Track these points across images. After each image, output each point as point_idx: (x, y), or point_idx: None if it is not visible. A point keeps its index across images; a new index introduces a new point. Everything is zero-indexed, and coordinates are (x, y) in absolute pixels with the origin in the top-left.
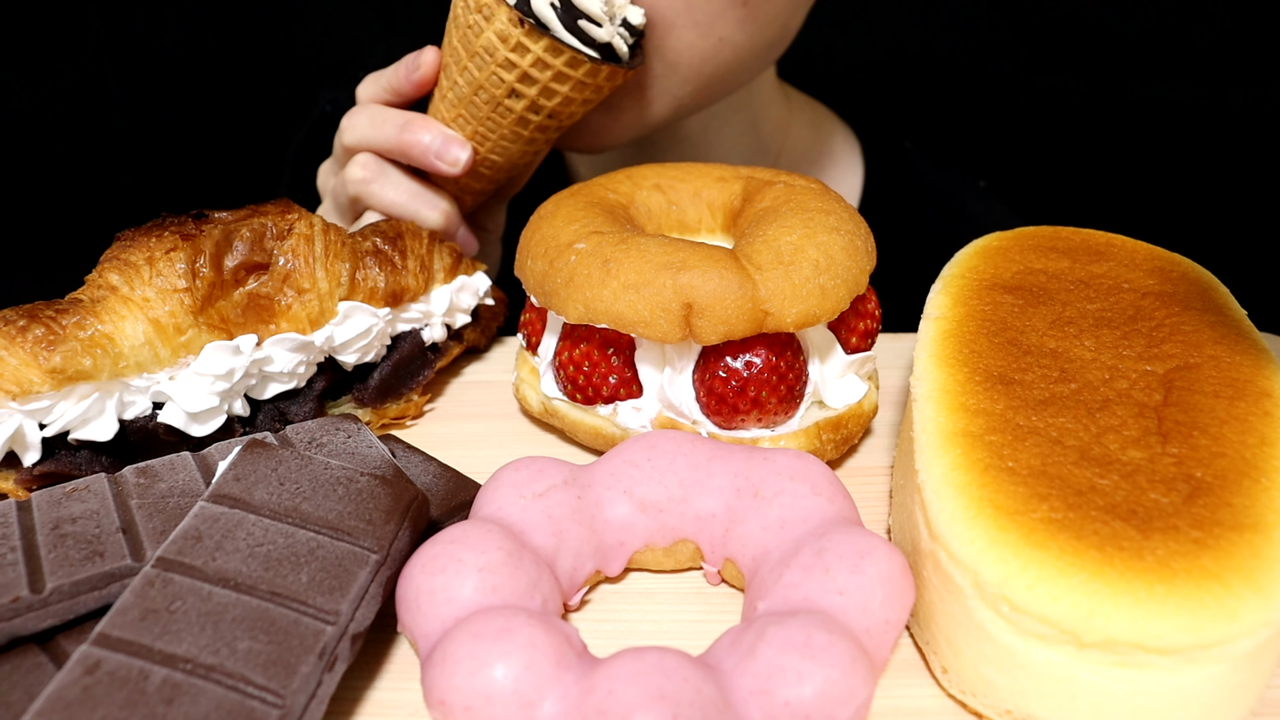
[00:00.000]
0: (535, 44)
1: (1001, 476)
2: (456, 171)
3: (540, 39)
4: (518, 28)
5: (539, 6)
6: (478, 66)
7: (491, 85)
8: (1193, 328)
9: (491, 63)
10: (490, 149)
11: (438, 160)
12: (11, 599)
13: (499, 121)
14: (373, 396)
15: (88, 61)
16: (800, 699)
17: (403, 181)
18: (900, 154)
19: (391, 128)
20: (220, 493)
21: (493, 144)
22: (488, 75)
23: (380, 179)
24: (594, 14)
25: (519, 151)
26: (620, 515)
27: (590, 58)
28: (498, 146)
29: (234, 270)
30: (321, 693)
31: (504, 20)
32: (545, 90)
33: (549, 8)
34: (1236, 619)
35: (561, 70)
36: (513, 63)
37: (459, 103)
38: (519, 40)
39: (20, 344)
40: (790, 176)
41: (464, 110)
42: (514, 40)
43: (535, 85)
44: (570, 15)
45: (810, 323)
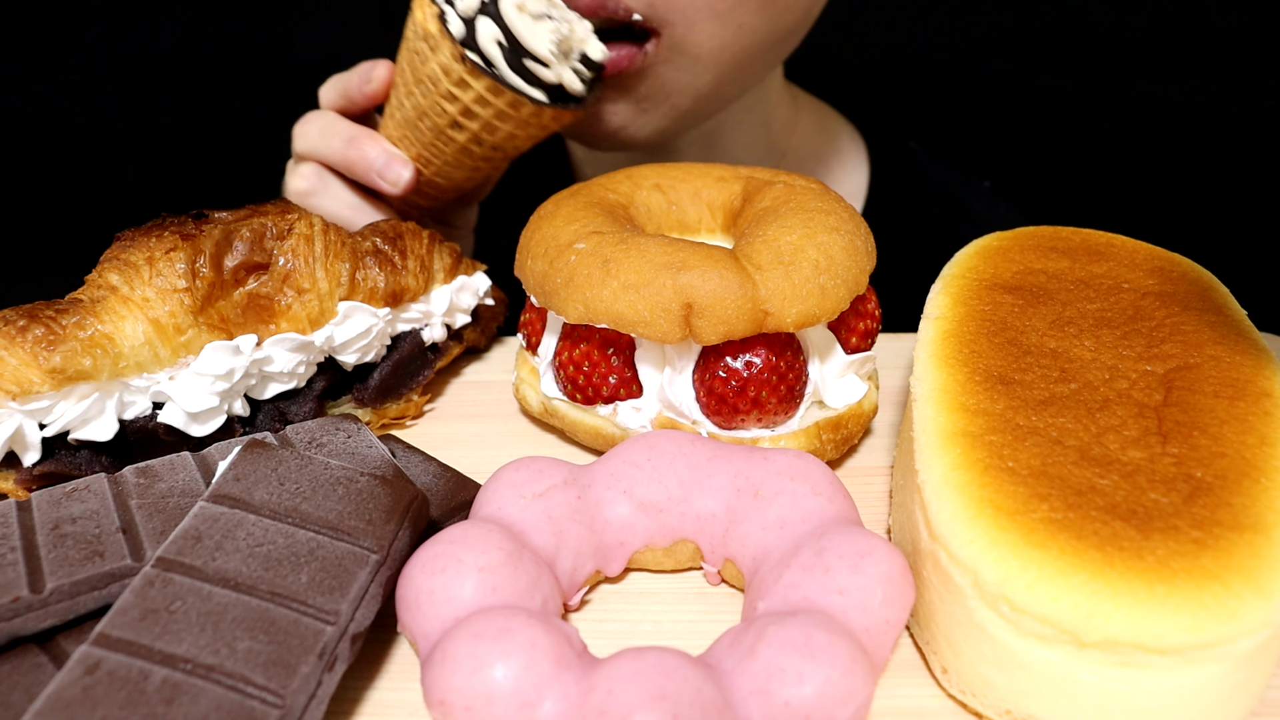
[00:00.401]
0: (477, 82)
1: (1001, 476)
2: (397, 191)
3: (482, 78)
4: (460, 63)
5: (484, 42)
6: (423, 94)
7: (435, 114)
8: (1193, 328)
9: (435, 92)
10: (435, 173)
11: (379, 179)
12: (11, 599)
13: (442, 149)
14: (373, 396)
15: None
16: (800, 699)
17: (343, 194)
18: (906, 154)
19: (339, 140)
20: (220, 493)
21: (437, 168)
22: (431, 104)
23: (321, 191)
24: (541, 55)
25: (464, 177)
26: (620, 515)
27: (533, 99)
28: (441, 171)
29: (234, 270)
30: (321, 693)
31: (447, 54)
32: (487, 126)
33: (495, 45)
34: (1236, 619)
35: (503, 109)
36: (455, 96)
37: (405, 124)
38: (461, 76)
39: (20, 344)
40: (790, 176)
41: (409, 132)
42: (456, 75)
43: (477, 120)
44: (516, 54)
45: (810, 323)
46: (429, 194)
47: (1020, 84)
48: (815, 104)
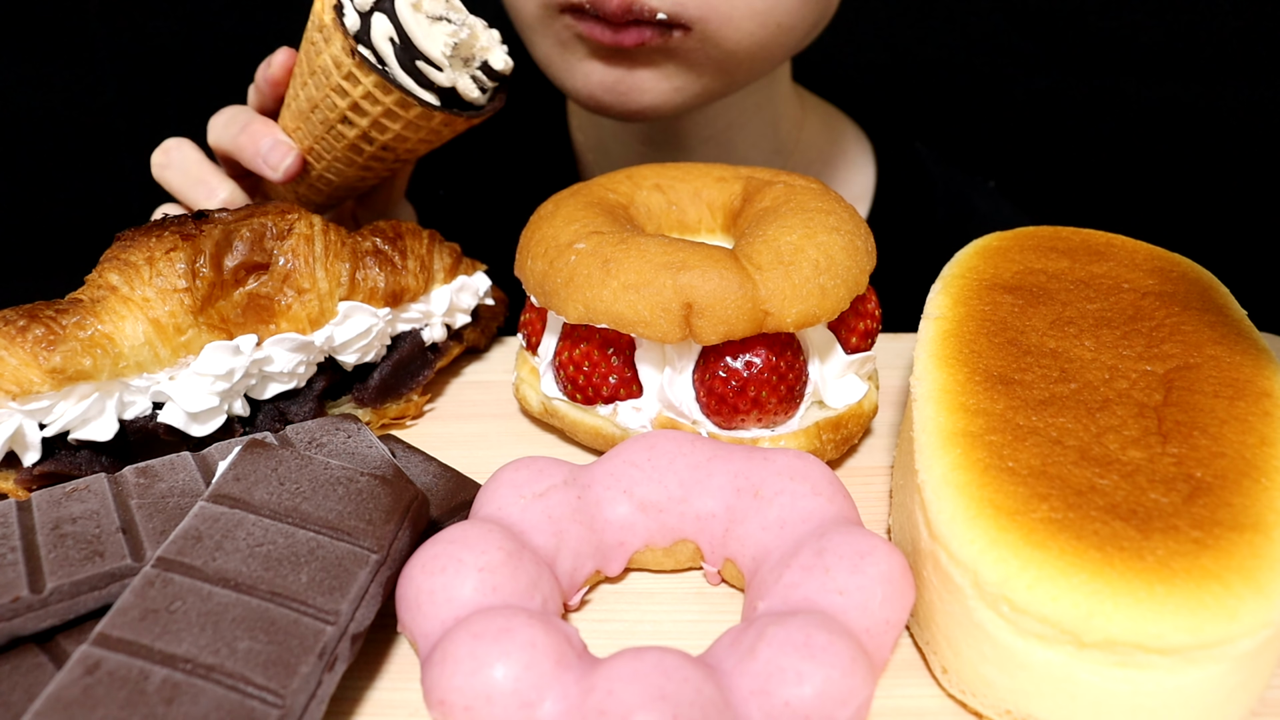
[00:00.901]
0: (365, 78)
1: (1001, 476)
2: (278, 177)
3: (370, 74)
4: (350, 57)
5: (377, 38)
6: (315, 85)
7: (326, 107)
8: (1193, 328)
9: (326, 85)
10: (325, 168)
11: (264, 164)
12: (11, 599)
13: (333, 144)
14: (373, 396)
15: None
16: (800, 699)
17: (190, 165)
18: (911, 155)
19: (235, 128)
20: (220, 493)
21: (327, 163)
22: (323, 96)
23: (173, 162)
24: (434, 57)
25: (355, 176)
26: (620, 515)
27: (422, 102)
28: (332, 167)
29: (234, 270)
30: (321, 693)
31: (339, 47)
32: (376, 124)
33: (388, 42)
34: (1236, 619)
35: (392, 109)
36: (345, 90)
37: (299, 115)
38: (351, 70)
39: (20, 344)
40: (790, 176)
41: (302, 124)
42: (346, 69)
43: (366, 117)
44: (408, 54)
45: (810, 323)
46: (321, 189)
47: (1023, 85)
48: (821, 105)
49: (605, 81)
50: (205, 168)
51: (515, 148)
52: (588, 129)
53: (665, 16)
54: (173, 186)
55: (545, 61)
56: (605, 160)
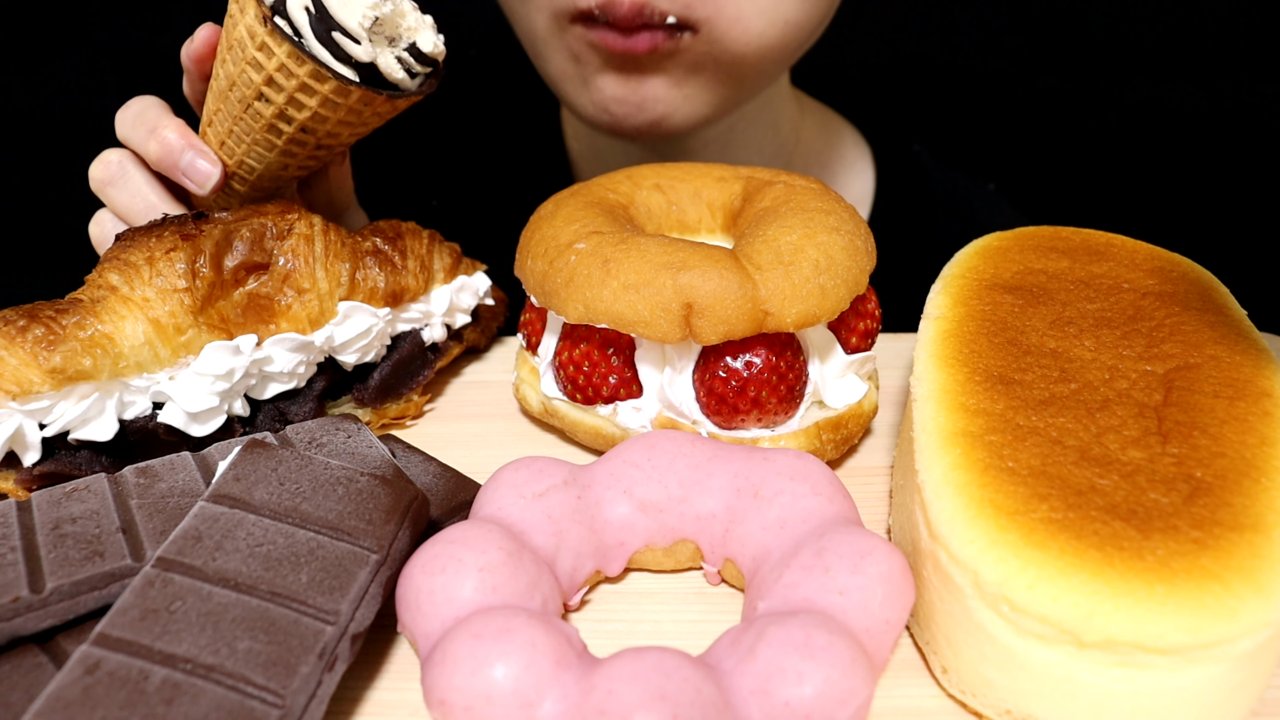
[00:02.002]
0: (279, 47)
1: (1001, 476)
2: (204, 193)
3: (284, 43)
4: (263, 25)
5: (293, 8)
6: (233, 60)
7: (243, 84)
8: (1193, 328)
9: (242, 59)
10: (245, 153)
11: (184, 177)
12: (11, 599)
13: (251, 125)
14: (373, 396)
15: (88, 61)
16: (800, 699)
17: (140, 189)
18: (910, 157)
19: (144, 130)
20: (220, 493)
21: (247, 147)
22: (240, 71)
23: (119, 181)
24: (350, 29)
25: (278, 163)
26: (620, 515)
27: (337, 75)
28: (252, 151)
29: (234, 270)
30: (321, 693)
31: (252, 15)
32: (292, 101)
33: (302, 11)
34: (1236, 619)
35: (306, 82)
36: (260, 63)
37: (218, 95)
38: (264, 40)
39: (20, 344)
40: (790, 176)
41: (221, 104)
42: (260, 39)
43: (282, 93)
44: (324, 25)
45: (810, 323)
46: (244, 178)
47: (1021, 86)
48: (819, 108)
49: (618, 94)
50: (155, 191)
51: (511, 159)
52: (582, 137)
53: (675, 19)
54: (117, 206)
55: (558, 78)
56: (601, 168)
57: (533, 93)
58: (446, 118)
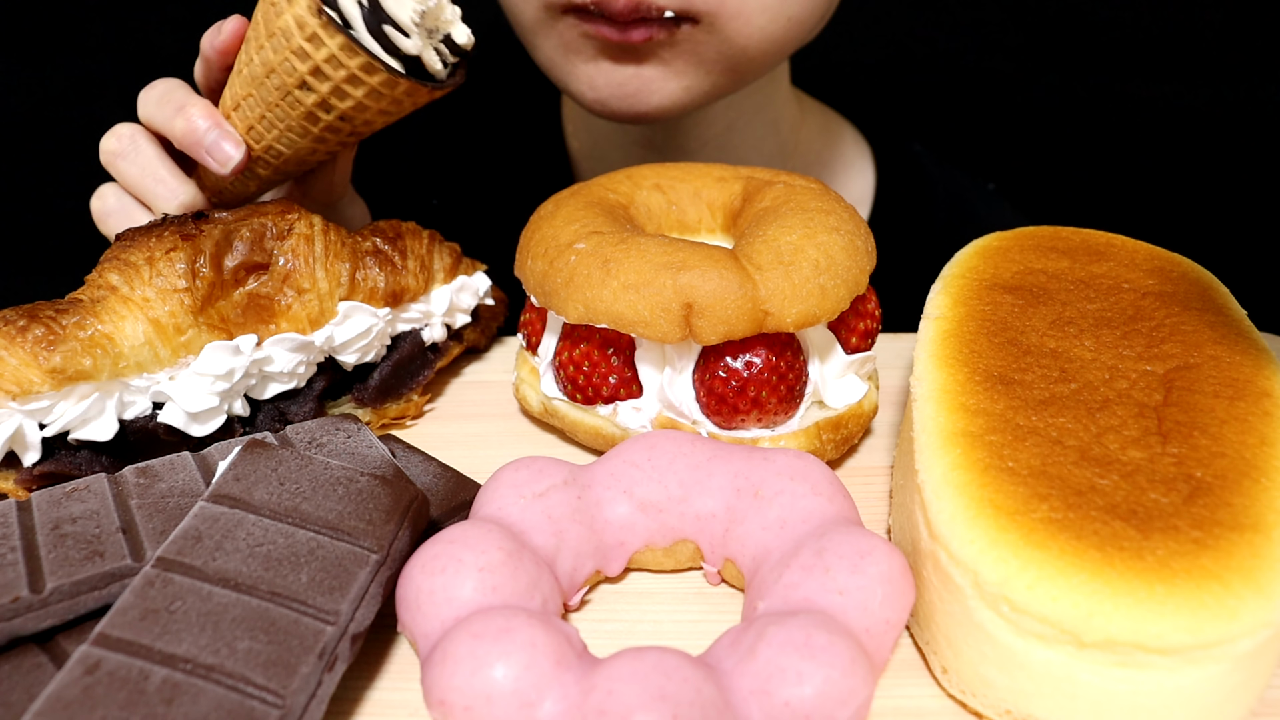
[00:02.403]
0: (331, 39)
1: (1001, 476)
2: (225, 172)
3: (336, 35)
4: (316, 17)
5: (345, 1)
6: (274, 48)
7: (284, 72)
8: (1193, 328)
9: (286, 48)
10: (276, 138)
11: (208, 155)
12: (11, 599)
13: (288, 111)
14: (373, 396)
15: (88, 61)
16: (800, 699)
17: (149, 163)
18: (910, 157)
19: (171, 109)
20: (220, 493)
21: (279, 133)
22: (281, 60)
23: (130, 154)
24: (402, 22)
25: (307, 148)
26: (620, 515)
27: (388, 67)
28: (284, 137)
29: (234, 270)
30: (321, 693)
31: (304, 6)
32: (337, 90)
33: (354, 4)
34: (1236, 619)
35: (356, 73)
36: (307, 53)
37: (251, 81)
38: (315, 31)
39: (20, 344)
40: (790, 176)
41: (254, 90)
42: (310, 30)
43: (328, 82)
44: (376, 17)
45: (810, 323)
46: (271, 163)
47: (1022, 86)
48: (819, 108)
49: (613, 83)
50: (163, 164)
51: (510, 158)
52: (583, 135)
53: (673, 14)
54: (126, 179)
55: (549, 65)
56: (601, 167)
57: (534, 92)
58: (447, 117)
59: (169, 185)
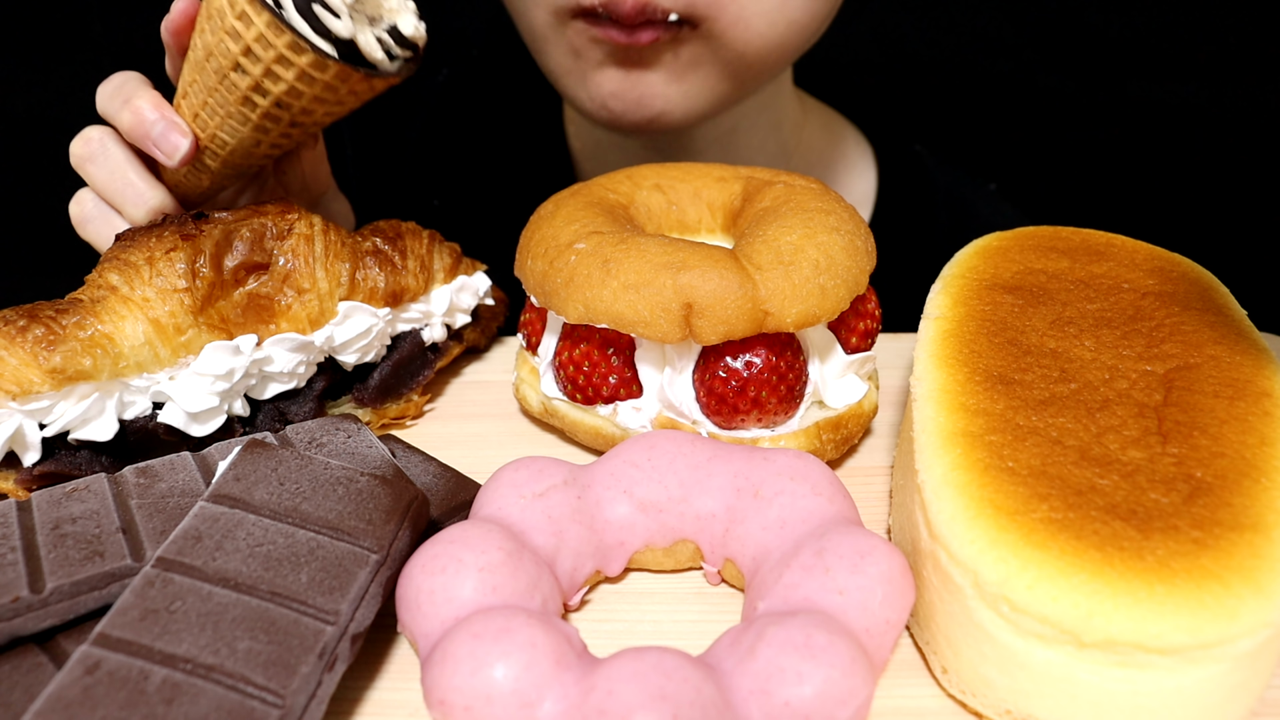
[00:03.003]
0: (258, 16)
1: (1001, 476)
2: (172, 163)
3: (263, 13)
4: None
5: None
6: (211, 30)
7: (220, 54)
8: (1193, 328)
9: (221, 28)
10: (219, 126)
11: (155, 149)
12: (11, 599)
13: (226, 97)
14: (373, 396)
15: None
16: (800, 699)
17: (118, 166)
18: (912, 157)
19: (119, 101)
20: (220, 493)
21: (220, 120)
22: (217, 41)
23: (99, 158)
24: (330, 3)
25: (250, 138)
26: (620, 515)
27: (315, 47)
28: (225, 125)
29: (234, 270)
30: (321, 693)
31: None
32: (269, 73)
33: None
34: (1236, 619)
35: (284, 53)
36: (238, 33)
37: (195, 66)
38: (244, 9)
39: (20, 344)
40: (790, 176)
41: (198, 75)
42: (239, 8)
43: (259, 64)
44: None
45: (810, 323)
46: (217, 153)
47: (1023, 86)
48: (821, 109)
49: (617, 89)
50: (132, 168)
51: (512, 158)
52: (584, 136)
53: (678, 16)
54: (96, 183)
55: (558, 73)
56: (603, 168)
57: (535, 92)
58: (449, 117)
59: (137, 189)
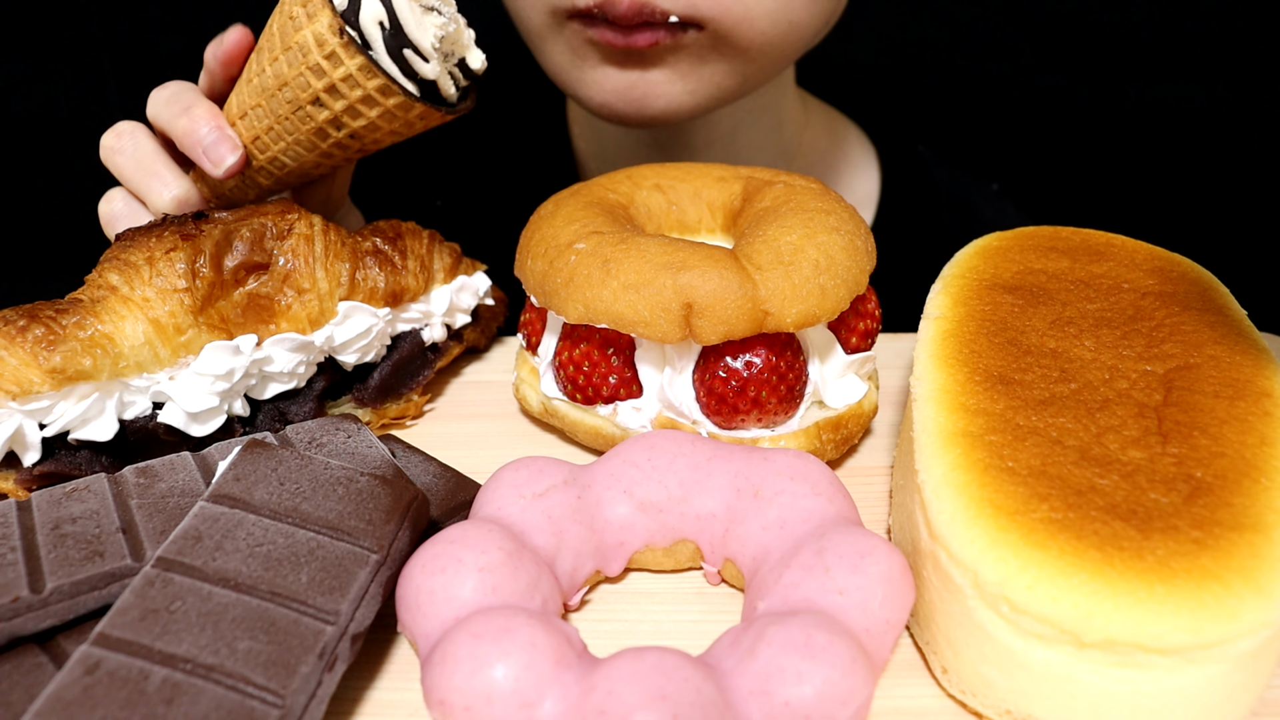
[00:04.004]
0: (350, 59)
1: (1001, 476)
2: (218, 173)
3: (356, 56)
4: (336, 36)
5: (366, 21)
6: (288, 62)
7: (298, 86)
8: (1193, 328)
9: (302, 63)
10: (282, 150)
11: (204, 157)
12: (11, 599)
13: (297, 125)
14: (373, 396)
15: (88, 61)
16: (800, 699)
17: (146, 157)
18: (915, 158)
19: (177, 108)
20: (220, 493)
21: (286, 145)
22: (296, 74)
23: (129, 149)
24: (423, 47)
25: (312, 162)
26: (620, 515)
27: (405, 91)
28: (291, 150)
29: (234, 270)
30: (321, 693)
31: (325, 24)
32: (351, 109)
33: (376, 26)
34: (1236, 619)
35: (371, 94)
36: (323, 70)
37: (261, 93)
38: (335, 50)
39: (20, 344)
40: (790, 176)
41: (264, 101)
42: (330, 48)
43: (342, 100)
44: (397, 41)
45: (810, 323)
46: (273, 173)
47: (1023, 86)
48: (824, 109)
49: (619, 87)
50: (160, 159)
51: (516, 158)
52: (589, 137)
53: (678, 19)
54: (123, 173)
55: (556, 71)
56: (607, 168)
57: (539, 93)
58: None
59: (163, 178)
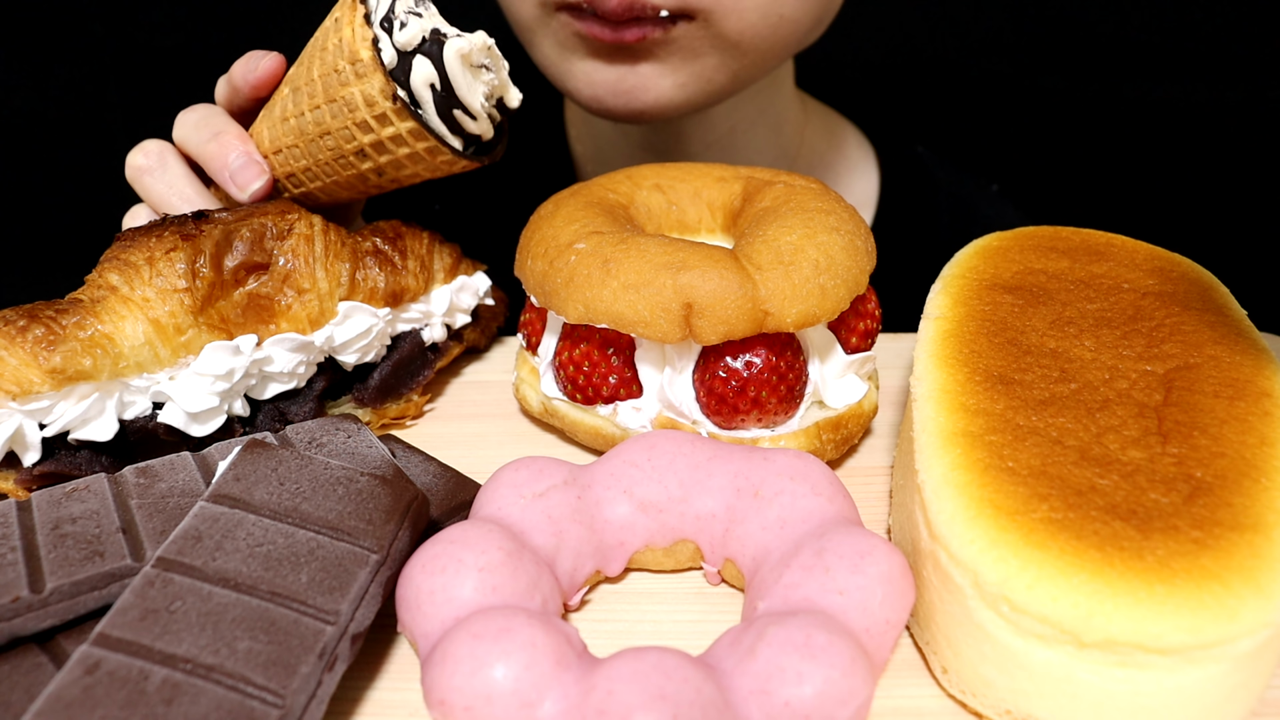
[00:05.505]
0: (401, 123)
1: (1001, 476)
2: (244, 198)
3: (408, 120)
4: (388, 101)
5: (417, 83)
6: (333, 114)
7: (342, 138)
8: (1193, 328)
9: (349, 119)
10: (319, 189)
11: (231, 181)
12: (11, 599)
13: (336, 169)
14: (373, 396)
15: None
16: (800, 699)
17: (177, 181)
18: (914, 159)
19: (207, 132)
20: (220, 493)
21: (322, 184)
22: (341, 126)
23: (159, 170)
24: (472, 107)
25: (346, 198)
26: (620, 515)
27: (453, 149)
28: (326, 188)
29: (234, 270)
30: (321, 693)
31: (376, 87)
32: (395, 162)
33: (427, 88)
34: (1236, 619)
35: (418, 152)
36: (370, 127)
37: (299, 134)
38: (385, 112)
39: (20, 344)
40: (790, 176)
41: (301, 143)
42: (380, 110)
43: (387, 155)
44: (447, 102)
45: (810, 323)
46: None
47: (1024, 87)
48: (823, 110)
49: (608, 81)
50: (193, 185)
51: (512, 160)
52: (586, 140)
53: (668, 13)
54: (152, 196)
55: (545, 64)
56: (604, 170)
57: (537, 96)
58: None
59: (194, 205)
